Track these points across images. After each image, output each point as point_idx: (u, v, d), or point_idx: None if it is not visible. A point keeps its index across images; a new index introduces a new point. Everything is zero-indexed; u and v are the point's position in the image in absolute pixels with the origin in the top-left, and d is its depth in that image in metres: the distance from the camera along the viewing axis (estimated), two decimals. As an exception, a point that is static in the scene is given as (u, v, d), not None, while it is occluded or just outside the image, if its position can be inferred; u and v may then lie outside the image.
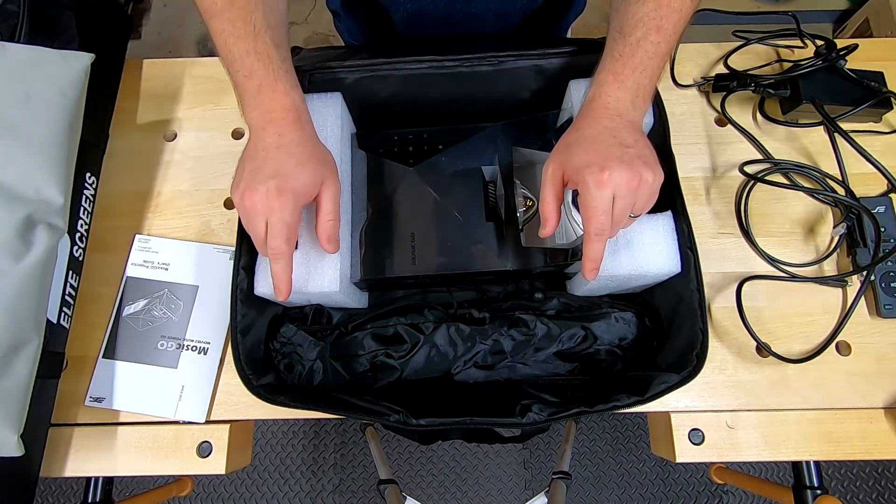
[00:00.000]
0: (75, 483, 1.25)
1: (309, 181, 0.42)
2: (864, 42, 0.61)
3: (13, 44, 0.52)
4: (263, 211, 0.41)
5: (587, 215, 0.40)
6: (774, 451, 0.53)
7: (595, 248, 0.41)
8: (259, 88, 0.43)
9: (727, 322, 0.56)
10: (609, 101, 0.43)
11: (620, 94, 0.43)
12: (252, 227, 0.42)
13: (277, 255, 0.41)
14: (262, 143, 0.43)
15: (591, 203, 0.39)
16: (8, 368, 0.45)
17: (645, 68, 0.43)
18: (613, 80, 0.44)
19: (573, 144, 0.42)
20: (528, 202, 0.56)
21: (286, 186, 0.41)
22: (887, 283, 0.56)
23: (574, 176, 0.41)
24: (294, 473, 1.29)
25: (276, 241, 0.41)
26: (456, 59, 0.51)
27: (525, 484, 1.26)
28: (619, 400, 0.43)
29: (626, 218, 0.42)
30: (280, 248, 0.41)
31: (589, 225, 0.40)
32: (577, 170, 0.40)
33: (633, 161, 0.40)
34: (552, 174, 0.43)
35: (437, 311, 0.52)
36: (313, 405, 0.44)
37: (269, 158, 0.42)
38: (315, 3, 1.73)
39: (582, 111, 0.45)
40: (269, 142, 0.43)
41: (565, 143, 0.44)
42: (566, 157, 0.42)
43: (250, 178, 0.41)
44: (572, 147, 0.42)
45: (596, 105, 0.44)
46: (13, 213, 0.47)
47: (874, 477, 1.24)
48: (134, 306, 0.57)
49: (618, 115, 0.43)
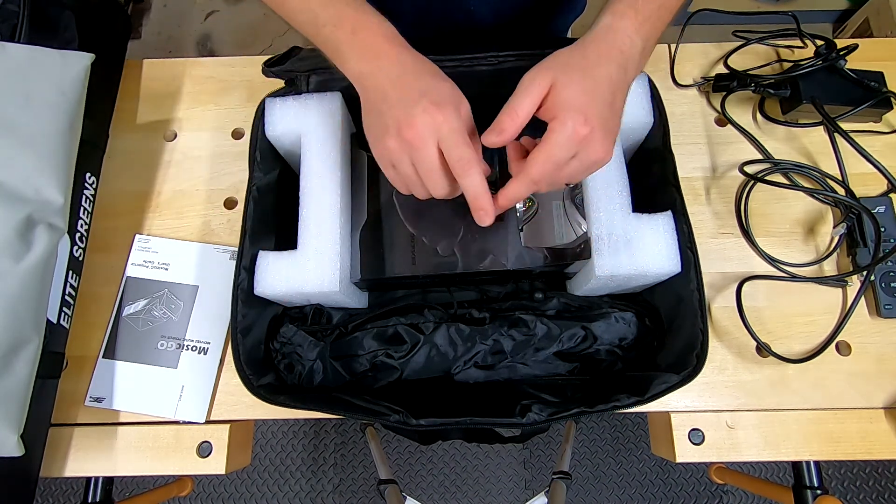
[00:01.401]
0: (75, 483, 1.25)
1: (453, 91, 0.39)
2: (864, 42, 0.61)
3: (13, 44, 0.52)
4: (431, 132, 0.36)
5: (538, 154, 0.36)
6: (774, 451, 0.53)
7: (517, 191, 0.37)
8: (353, 31, 0.40)
9: (727, 322, 0.56)
10: (624, 42, 0.39)
11: (635, 39, 0.39)
12: (423, 160, 0.37)
13: (467, 165, 0.36)
14: (386, 81, 0.39)
15: (553, 149, 0.36)
16: (8, 368, 0.45)
17: (656, 21, 0.40)
18: (634, 15, 0.39)
19: (572, 70, 0.37)
20: (528, 202, 0.56)
21: (441, 99, 0.37)
22: (887, 283, 0.56)
23: (553, 105, 0.36)
24: (294, 473, 1.29)
25: (458, 151, 0.36)
26: (456, 59, 0.51)
27: (525, 484, 1.26)
28: (619, 400, 0.43)
29: (561, 184, 0.39)
30: (467, 155, 0.36)
31: (533, 166, 0.36)
32: (562, 101, 0.36)
33: (610, 134, 0.37)
34: (539, 86, 0.37)
35: (437, 311, 0.52)
36: (313, 405, 0.44)
37: (405, 85, 0.38)
38: (315, 3, 1.73)
39: (593, 36, 0.40)
40: (393, 73, 0.38)
41: (564, 62, 0.38)
42: (558, 78, 0.37)
43: (399, 112, 0.37)
44: (570, 73, 0.37)
45: (610, 39, 0.39)
46: (13, 213, 0.47)
47: (874, 477, 1.24)
48: (134, 306, 0.57)
49: (624, 68, 0.39)
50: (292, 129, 0.51)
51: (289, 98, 0.51)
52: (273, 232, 0.52)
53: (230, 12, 1.69)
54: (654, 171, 0.51)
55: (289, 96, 0.52)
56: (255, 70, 0.51)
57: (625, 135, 0.50)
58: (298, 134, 0.50)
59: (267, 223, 0.51)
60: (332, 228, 0.47)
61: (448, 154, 0.37)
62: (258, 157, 0.51)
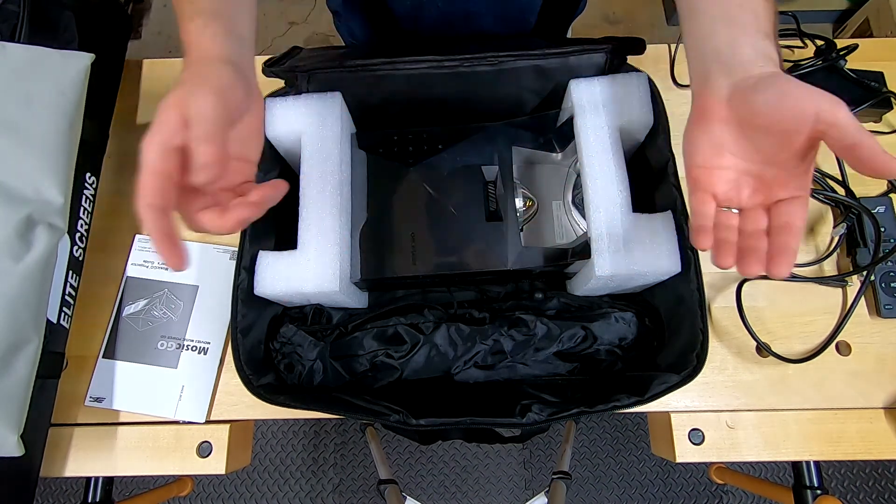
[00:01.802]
0: (75, 483, 1.25)
1: (197, 98, 0.34)
2: (864, 42, 0.61)
3: (13, 44, 0.52)
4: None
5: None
6: (774, 451, 0.53)
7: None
8: (187, 48, 0.38)
9: (727, 322, 0.56)
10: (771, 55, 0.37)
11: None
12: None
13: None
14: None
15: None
16: (8, 368, 0.45)
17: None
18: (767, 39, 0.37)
19: (771, 91, 0.34)
20: (528, 202, 0.56)
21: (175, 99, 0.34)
22: (887, 283, 0.56)
23: (804, 115, 0.32)
24: (294, 473, 1.29)
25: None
26: (456, 59, 0.51)
27: (525, 484, 1.26)
28: (619, 400, 0.43)
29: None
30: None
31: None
32: (807, 109, 0.32)
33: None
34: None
35: (437, 311, 0.52)
36: (313, 405, 0.44)
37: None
38: (315, 3, 1.73)
39: (742, 67, 0.36)
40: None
41: (743, 98, 0.35)
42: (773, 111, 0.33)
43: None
44: (785, 93, 0.33)
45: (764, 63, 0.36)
46: (13, 213, 0.47)
47: (874, 477, 1.24)
48: (134, 306, 0.57)
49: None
50: (292, 129, 0.51)
51: (289, 98, 0.51)
52: (273, 232, 0.52)
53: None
54: (654, 172, 0.51)
55: (289, 96, 0.52)
56: (255, 70, 0.51)
57: (625, 135, 0.50)
58: (298, 134, 0.50)
59: (267, 223, 0.51)
60: (332, 228, 0.47)
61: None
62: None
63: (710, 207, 0.37)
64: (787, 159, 0.35)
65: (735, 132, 0.37)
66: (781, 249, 0.34)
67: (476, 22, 0.65)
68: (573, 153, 0.54)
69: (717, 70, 0.37)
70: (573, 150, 0.53)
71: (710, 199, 0.37)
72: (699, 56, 0.39)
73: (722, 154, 0.37)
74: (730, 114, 0.37)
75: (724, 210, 0.38)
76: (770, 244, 0.35)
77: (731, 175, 0.37)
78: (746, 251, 0.35)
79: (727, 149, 0.37)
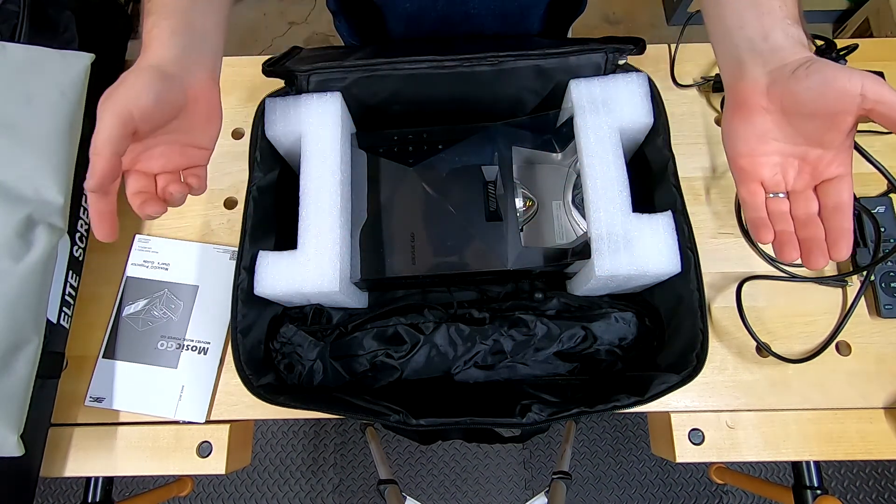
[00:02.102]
0: (75, 483, 1.25)
1: (133, 91, 0.38)
2: (864, 42, 0.61)
3: (13, 44, 0.52)
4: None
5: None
6: (774, 451, 0.53)
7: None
8: (143, 47, 0.40)
9: (727, 322, 0.56)
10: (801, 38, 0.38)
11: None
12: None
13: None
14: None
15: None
16: (8, 368, 0.45)
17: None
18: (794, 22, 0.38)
19: (809, 76, 0.34)
20: (528, 202, 0.56)
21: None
22: (887, 283, 0.56)
23: (850, 97, 0.33)
24: (294, 473, 1.29)
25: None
26: (456, 59, 0.51)
27: (525, 484, 1.26)
28: (619, 400, 0.43)
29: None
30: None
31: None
32: (853, 91, 0.33)
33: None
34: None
35: (437, 311, 0.52)
36: (313, 405, 0.44)
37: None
38: (315, 3, 1.73)
39: (782, 53, 0.37)
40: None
41: (782, 85, 0.36)
42: (809, 92, 0.34)
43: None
44: (829, 79, 0.34)
45: (796, 44, 0.37)
46: (13, 213, 0.47)
47: (874, 477, 1.24)
48: (134, 306, 0.57)
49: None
50: (292, 129, 0.51)
51: (289, 98, 0.51)
52: (273, 232, 0.52)
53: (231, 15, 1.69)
54: (654, 172, 0.51)
55: (289, 96, 0.52)
56: (255, 70, 0.51)
57: (625, 135, 0.50)
58: (298, 134, 0.50)
59: (267, 223, 0.51)
60: (332, 228, 0.47)
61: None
62: (258, 157, 0.50)
63: (761, 197, 0.38)
64: (832, 139, 0.36)
65: (778, 120, 0.37)
66: (839, 233, 0.35)
67: (476, 23, 0.65)
68: (573, 153, 0.54)
69: (752, 60, 0.38)
70: (573, 150, 0.53)
71: (758, 187, 0.38)
72: (730, 46, 0.39)
73: (766, 142, 0.38)
74: (770, 103, 0.37)
75: (772, 196, 0.38)
76: (827, 230, 0.36)
77: (776, 160, 0.38)
78: (808, 244, 0.36)
79: (770, 136, 0.38)
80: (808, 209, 0.37)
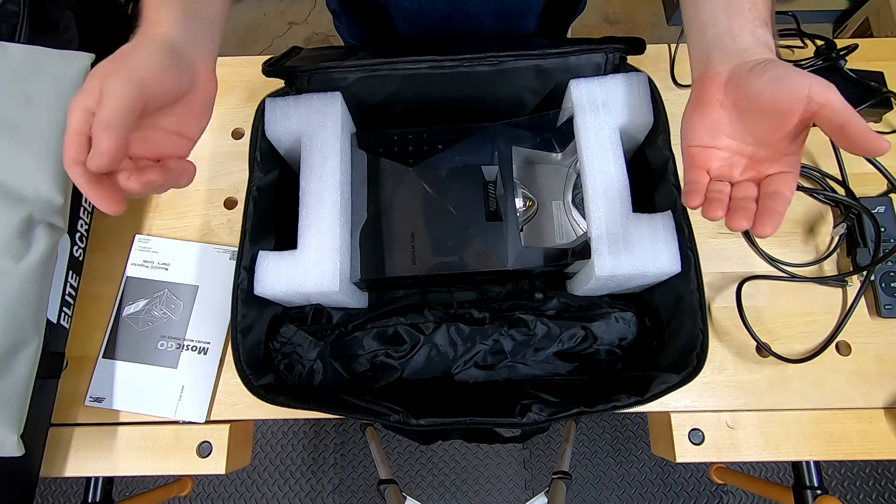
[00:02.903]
0: (75, 483, 1.25)
1: (132, 72, 0.35)
2: (864, 42, 0.61)
3: (13, 44, 0.52)
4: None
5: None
6: (774, 451, 0.53)
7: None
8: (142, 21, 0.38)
9: (727, 322, 0.56)
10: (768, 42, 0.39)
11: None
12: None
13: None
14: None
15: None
16: (8, 368, 0.45)
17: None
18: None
19: (766, 73, 0.36)
20: (528, 202, 0.56)
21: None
22: (887, 283, 0.56)
23: (797, 97, 0.34)
24: (294, 473, 1.29)
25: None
26: (456, 59, 0.51)
27: (525, 484, 1.26)
28: (619, 400, 0.43)
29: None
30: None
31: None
32: (800, 92, 0.34)
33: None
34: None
35: (437, 311, 0.52)
36: (313, 405, 0.44)
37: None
38: (315, 3, 1.73)
39: (743, 53, 0.38)
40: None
41: (740, 78, 0.37)
42: (767, 89, 0.35)
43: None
44: (779, 78, 0.35)
45: (761, 49, 0.39)
46: (13, 213, 0.47)
47: (874, 477, 1.24)
48: (134, 306, 0.57)
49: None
50: (292, 129, 0.51)
51: (289, 98, 0.51)
52: (273, 232, 0.52)
53: (230, 12, 1.69)
54: (654, 171, 0.51)
55: (289, 96, 0.52)
56: (255, 70, 0.51)
57: (625, 135, 0.50)
58: (298, 134, 0.50)
59: (267, 223, 0.51)
60: (332, 228, 0.47)
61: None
62: (258, 157, 0.50)
63: (704, 178, 0.39)
64: (780, 140, 0.37)
65: (731, 116, 0.39)
66: (768, 210, 0.36)
67: (476, 22, 0.65)
68: (573, 153, 0.54)
69: (718, 57, 0.39)
70: (573, 150, 0.53)
71: (703, 173, 0.39)
72: (701, 43, 0.41)
73: (718, 136, 0.39)
74: (726, 98, 0.39)
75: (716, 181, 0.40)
76: (759, 206, 0.37)
77: (725, 154, 0.39)
78: (735, 207, 0.37)
79: (723, 131, 0.39)
80: (747, 193, 0.38)
